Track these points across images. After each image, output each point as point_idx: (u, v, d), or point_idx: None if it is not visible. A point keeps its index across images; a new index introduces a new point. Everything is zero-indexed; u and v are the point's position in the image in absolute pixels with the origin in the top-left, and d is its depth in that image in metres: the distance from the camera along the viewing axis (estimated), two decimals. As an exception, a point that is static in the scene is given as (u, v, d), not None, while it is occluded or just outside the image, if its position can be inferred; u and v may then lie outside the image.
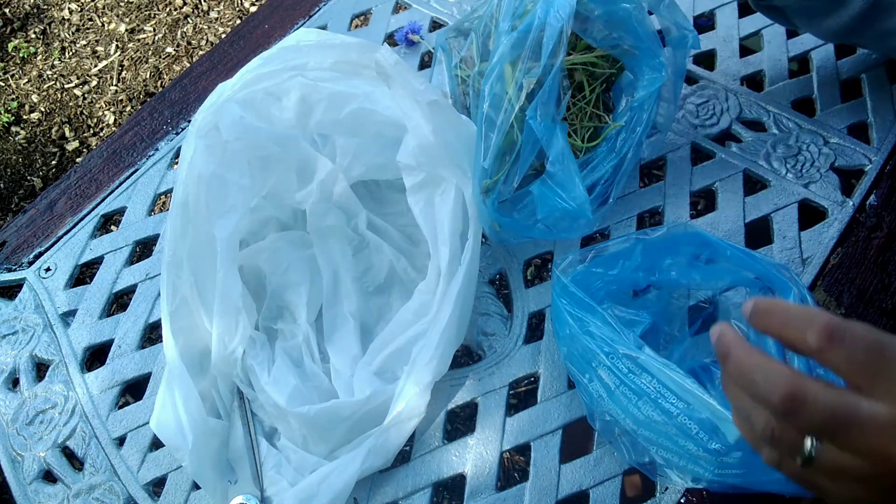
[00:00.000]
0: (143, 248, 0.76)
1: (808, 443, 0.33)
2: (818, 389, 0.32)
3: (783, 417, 0.33)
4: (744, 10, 0.86)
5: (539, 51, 0.59)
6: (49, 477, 0.63)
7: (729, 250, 0.61)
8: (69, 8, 2.10)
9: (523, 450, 0.61)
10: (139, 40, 2.01)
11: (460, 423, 0.67)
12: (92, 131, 1.87)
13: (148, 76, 1.93)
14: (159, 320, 0.69)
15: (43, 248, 0.75)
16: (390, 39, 0.88)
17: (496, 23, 0.67)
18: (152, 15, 2.05)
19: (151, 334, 0.70)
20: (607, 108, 0.70)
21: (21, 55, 2.00)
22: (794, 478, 0.36)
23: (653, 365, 0.52)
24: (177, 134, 0.83)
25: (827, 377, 0.35)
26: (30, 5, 2.11)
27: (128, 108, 1.89)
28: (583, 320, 0.56)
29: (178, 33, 2.01)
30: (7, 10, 2.09)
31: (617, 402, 0.55)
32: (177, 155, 0.81)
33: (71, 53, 2.01)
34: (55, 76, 1.97)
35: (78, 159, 1.80)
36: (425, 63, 0.85)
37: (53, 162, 1.82)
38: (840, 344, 0.32)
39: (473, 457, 0.61)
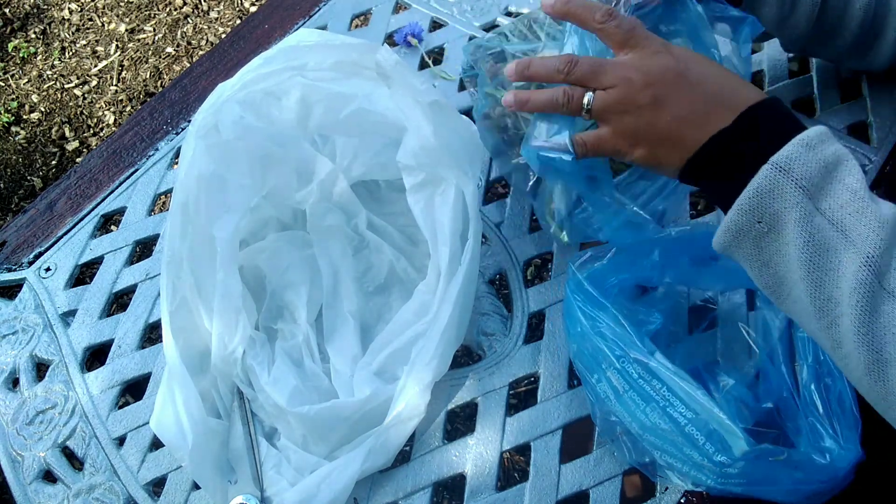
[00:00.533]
0: (143, 248, 0.76)
1: (586, 97, 0.51)
2: (583, 57, 0.52)
3: (566, 77, 0.52)
4: (744, 10, 0.86)
5: None
6: (49, 477, 0.63)
7: None
8: (69, 8, 2.10)
9: (523, 450, 0.61)
10: (139, 40, 2.01)
11: (460, 423, 0.67)
12: (92, 131, 1.87)
13: (148, 76, 1.93)
14: (159, 320, 0.68)
15: (43, 248, 0.75)
16: (390, 40, 0.88)
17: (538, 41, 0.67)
18: (152, 15, 2.05)
19: (151, 334, 0.70)
20: None
21: (21, 55, 2.00)
22: (595, 140, 0.52)
23: (664, 372, 0.52)
24: (177, 134, 0.83)
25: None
26: (30, 5, 2.11)
27: (128, 108, 1.89)
28: (595, 319, 0.55)
29: (178, 33, 2.01)
30: (7, 10, 2.09)
31: (624, 406, 0.54)
32: (177, 155, 0.81)
33: (71, 53, 2.01)
34: (55, 76, 1.97)
35: (78, 159, 1.80)
36: (425, 63, 0.85)
37: (53, 162, 1.82)
38: (615, 19, 0.51)
39: (473, 457, 0.61)
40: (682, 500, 0.58)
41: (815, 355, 0.57)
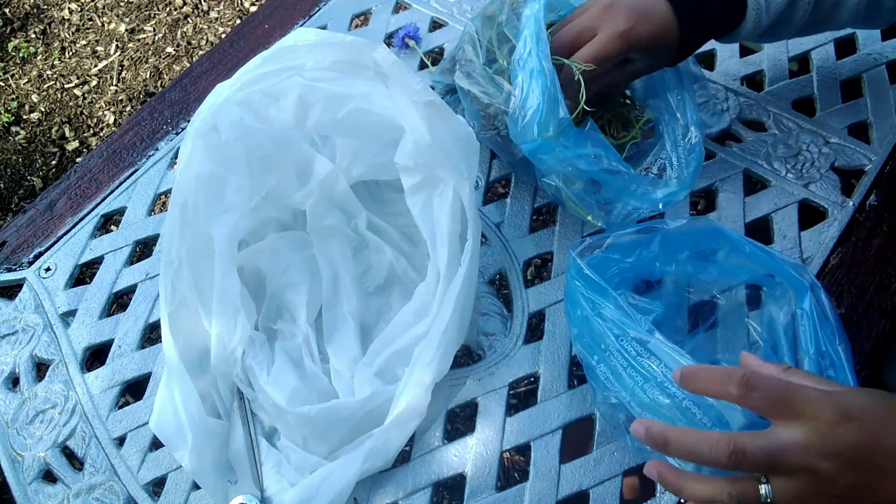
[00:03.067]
0: (143, 248, 0.76)
1: (762, 489, 0.41)
2: (749, 439, 0.41)
3: (734, 469, 0.41)
4: (744, 10, 0.86)
5: None
6: (49, 477, 0.63)
7: (748, 247, 0.61)
8: (69, 8, 2.10)
9: (523, 450, 0.61)
10: (139, 40, 2.01)
11: (460, 423, 0.67)
12: (92, 131, 1.87)
13: (148, 76, 1.93)
14: (159, 320, 0.68)
15: (43, 248, 0.75)
16: (390, 40, 0.88)
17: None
18: (152, 15, 2.05)
19: (151, 334, 0.70)
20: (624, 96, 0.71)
21: (21, 55, 2.00)
22: None
23: (662, 349, 0.52)
24: (177, 134, 0.83)
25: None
26: (30, 5, 2.11)
27: (128, 108, 1.89)
28: (595, 303, 0.56)
29: (178, 33, 2.01)
30: (7, 10, 2.09)
31: (623, 385, 0.55)
32: (177, 155, 0.80)
33: (71, 53, 2.01)
34: (55, 76, 1.97)
35: (78, 159, 1.80)
36: (424, 64, 0.85)
37: (53, 162, 1.82)
38: (755, 390, 0.42)
39: (473, 457, 0.61)
40: (682, 501, 0.58)
41: (818, 347, 0.57)
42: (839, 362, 0.55)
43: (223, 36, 1.94)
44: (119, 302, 0.73)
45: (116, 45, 2.00)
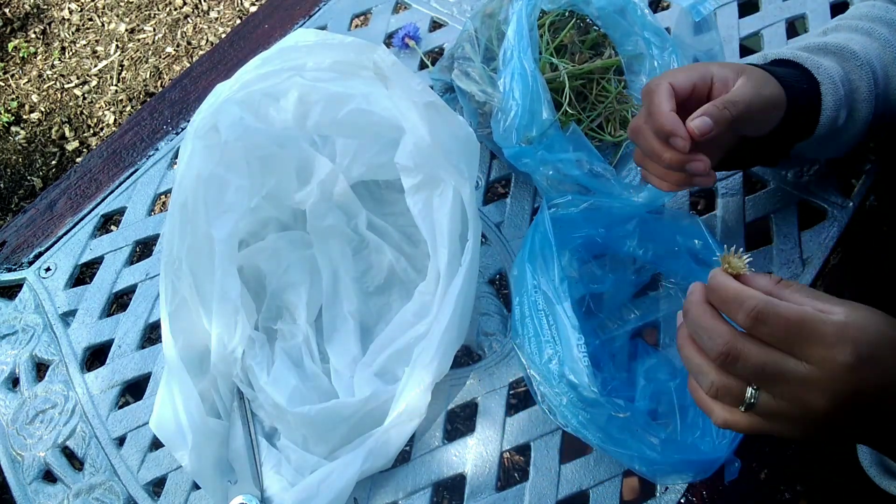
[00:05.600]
0: (143, 248, 0.76)
1: (749, 391, 0.40)
2: (751, 349, 0.40)
3: (721, 370, 0.41)
4: (744, 11, 0.86)
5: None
6: (49, 477, 0.63)
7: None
8: (69, 8, 2.10)
9: (523, 450, 0.62)
10: (139, 40, 2.01)
11: (460, 423, 0.67)
12: (92, 131, 1.87)
13: (148, 76, 1.93)
14: (159, 320, 0.68)
15: (43, 248, 0.75)
16: (390, 40, 0.88)
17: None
18: (152, 15, 2.05)
19: (151, 334, 0.70)
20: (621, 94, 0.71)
21: (21, 55, 2.00)
22: (741, 428, 0.42)
23: (558, 310, 0.55)
24: (177, 134, 0.83)
25: None
26: (30, 5, 2.10)
27: (128, 108, 1.89)
28: (534, 251, 0.58)
29: (178, 33, 2.01)
30: (7, 10, 2.09)
31: (525, 329, 0.59)
32: (177, 155, 0.80)
33: (71, 53, 2.01)
34: (55, 76, 1.97)
35: (78, 159, 1.80)
36: (424, 64, 0.85)
37: (53, 162, 1.82)
38: (764, 325, 0.39)
39: (473, 457, 0.61)
40: (681, 501, 0.58)
41: None
42: None
43: (223, 36, 1.94)
44: (119, 302, 0.73)
45: (116, 45, 2.00)
